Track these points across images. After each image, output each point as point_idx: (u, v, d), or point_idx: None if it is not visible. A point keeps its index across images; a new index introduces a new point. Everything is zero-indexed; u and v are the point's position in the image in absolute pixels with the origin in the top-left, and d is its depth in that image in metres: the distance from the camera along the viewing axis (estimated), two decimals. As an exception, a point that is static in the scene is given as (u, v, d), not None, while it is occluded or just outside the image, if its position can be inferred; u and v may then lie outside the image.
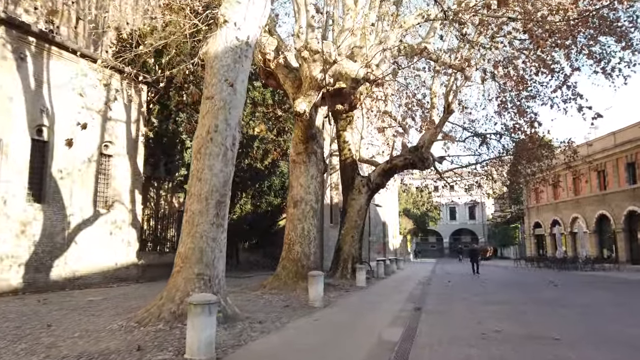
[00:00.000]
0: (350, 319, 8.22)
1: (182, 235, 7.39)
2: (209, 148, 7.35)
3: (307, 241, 12.85)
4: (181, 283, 7.08)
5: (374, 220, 34.78)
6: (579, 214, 33.29)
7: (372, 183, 19.39)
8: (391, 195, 40.72)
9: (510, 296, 12.78)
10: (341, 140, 19.73)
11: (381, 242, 36.48)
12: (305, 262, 12.66)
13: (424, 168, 19.78)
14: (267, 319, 7.75)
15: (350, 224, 18.71)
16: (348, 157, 19.57)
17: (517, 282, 18.21)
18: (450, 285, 16.86)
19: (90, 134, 14.10)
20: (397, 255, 40.37)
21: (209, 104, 7.42)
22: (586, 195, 32.49)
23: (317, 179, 13.38)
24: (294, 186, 13.26)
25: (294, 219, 12.99)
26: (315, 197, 13.23)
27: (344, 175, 19.66)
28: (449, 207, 78.97)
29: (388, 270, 23.42)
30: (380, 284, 16.30)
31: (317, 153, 13.41)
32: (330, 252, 20.35)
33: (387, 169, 19.54)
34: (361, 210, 18.97)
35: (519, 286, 16.37)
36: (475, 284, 17.42)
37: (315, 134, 13.06)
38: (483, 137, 20.27)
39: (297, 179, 13.21)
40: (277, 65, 12.80)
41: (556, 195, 36.91)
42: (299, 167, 13.24)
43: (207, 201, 7.27)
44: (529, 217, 41.82)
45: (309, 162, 13.23)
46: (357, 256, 18.41)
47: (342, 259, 18.26)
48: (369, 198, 19.49)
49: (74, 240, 13.77)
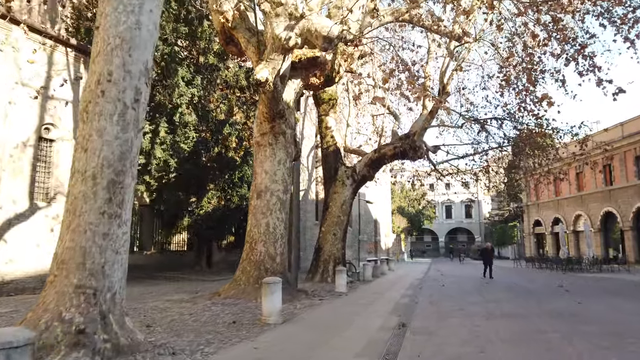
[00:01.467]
0: (307, 346, 6.01)
1: (61, 229, 5.17)
2: (99, 105, 5.11)
3: (273, 239, 10.63)
4: (52, 300, 4.86)
5: (364, 217, 32.59)
6: (583, 211, 31.26)
7: (357, 174, 17.20)
8: (384, 191, 38.55)
9: (517, 306, 10.62)
10: (323, 126, 17.52)
11: (372, 241, 34.31)
12: (270, 265, 10.45)
13: (416, 158, 17.59)
14: (187, 347, 5.53)
15: (332, 220, 16.52)
16: (331, 144, 17.37)
17: (522, 287, 16.07)
18: (444, 288, 14.73)
19: (27, 114, 11.94)
20: (389, 255, 38.21)
21: (101, 41, 5.18)
22: (591, 192, 30.45)
23: (286, 165, 11.16)
24: (257, 173, 11.04)
25: (257, 213, 10.77)
26: (283, 187, 11.01)
27: (326, 166, 17.46)
28: (445, 205, 77.04)
29: (377, 271, 21.25)
30: (363, 289, 14.12)
31: (287, 134, 11.19)
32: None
33: (374, 158, 17.35)
34: (345, 205, 16.78)
35: (524, 292, 14.23)
36: (474, 288, 15.27)
37: (284, 110, 10.84)
38: (482, 123, 18.10)
39: (261, 164, 10.99)
40: (238, 27, 10.57)
41: (558, 192, 34.89)
42: (264, 150, 11.02)
43: (95, 181, 5.04)
44: (528, 214, 39.79)
45: (275, 144, 11.01)
46: (339, 257, 16.22)
47: (322, 260, 16.07)
48: (354, 191, 17.30)
49: (3, 239, 11.58)
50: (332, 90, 17.58)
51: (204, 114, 16.35)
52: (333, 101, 17.52)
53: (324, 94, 17.46)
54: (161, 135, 15.91)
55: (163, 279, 16.57)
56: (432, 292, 13.83)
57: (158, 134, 15.82)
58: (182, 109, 15.83)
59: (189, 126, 15.84)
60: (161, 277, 16.77)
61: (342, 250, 16.40)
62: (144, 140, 15.49)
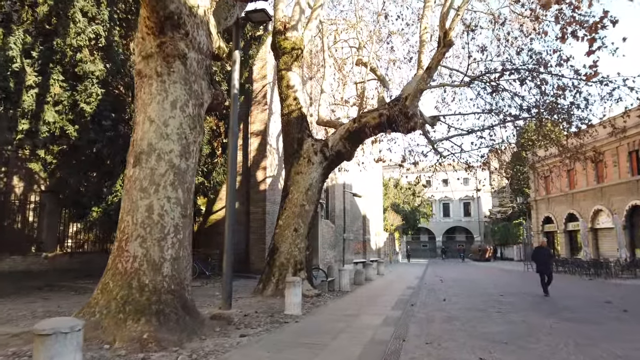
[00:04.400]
0: None
1: None
2: None
3: (158, 235, 6.21)
4: None
5: (351, 213, 28.17)
6: (603, 205, 26.94)
7: (330, 150, 12.79)
8: (374, 184, 34.12)
9: (574, 350, 6.24)
10: (283, 84, 13.06)
11: (360, 241, 29.89)
12: (151, 279, 6.03)
13: (408, 129, 13.12)
14: None
15: (293, 211, 12.10)
16: (293, 109, 12.93)
17: (555, 304, 11.74)
18: (446, 303, 10.37)
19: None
20: (380, 255, 33.80)
21: None
22: (613, 182, 26.13)
23: (188, 112, 6.72)
24: (137, 124, 6.60)
25: (133, 190, 6.34)
26: (180, 146, 6.57)
27: (287, 138, 13.02)
28: (442, 203, 72.92)
29: (360, 277, 16.86)
30: (329, 310, 9.70)
31: (190, 60, 6.74)
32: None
33: (353, 129, 12.91)
34: (312, 190, 12.37)
35: (564, 310, 9.88)
36: (487, 303, 10.89)
37: (181, 13, 6.41)
38: (497, 80, 13.64)
39: (144, 108, 6.55)
40: None
41: (572, 184, 30.59)
42: (148, 84, 6.59)
43: None
44: (537, 211, 35.46)
45: (168, 75, 6.57)
46: (301, 260, 11.80)
47: (277, 266, 11.64)
48: (325, 172, 12.88)
49: None
50: (297, 37, 13.16)
51: (115, 62, 11.87)
52: (297, 51, 13.07)
53: (286, 41, 13.04)
54: (54, 92, 11.43)
55: (67, 290, 12.15)
56: (430, 315, 9.42)
57: (49, 90, 11.33)
58: (82, 55, 11.37)
59: (92, 79, 11.38)
60: (66, 288, 12.34)
61: (306, 251, 11.98)
62: (27, 99, 11.01)
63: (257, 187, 19.06)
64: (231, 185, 9.54)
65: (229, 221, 9.45)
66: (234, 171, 9.63)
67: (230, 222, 9.46)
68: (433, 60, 12.63)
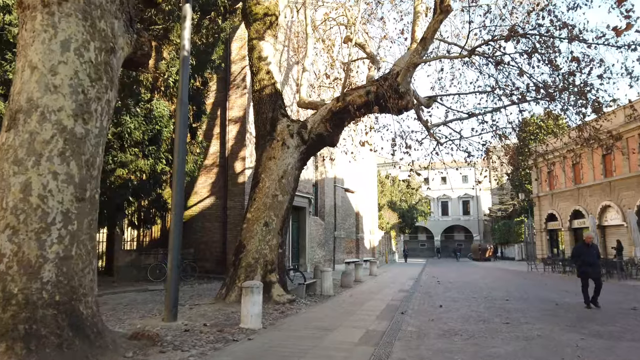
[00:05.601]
0: None
1: None
2: None
3: (37, 223, 4.44)
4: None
5: (342, 209, 26.38)
6: (612, 201, 25.19)
7: (309, 132, 11.01)
8: (368, 178, 32.35)
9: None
10: (254, 56, 11.25)
11: (353, 239, 28.09)
12: (23, 288, 4.25)
13: (399, 109, 11.30)
14: None
15: (264, 202, 10.31)
16: (266, 84, 11.12)
17: (574, 312, 10.02)
18: (443, 310, 8.59)
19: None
20: (375, 255, 32.02)
21: None
22: (623, 176, 24.38)
23: (89, 56, 4.93)
24: (16, 72, 4.82)
25: (4, 162, 4.56)
26: (77, 104, 4.78)
27: (259, 118, 11.21)
28: (441, 201, 71.23)
29: (348, 279, 15.09)
30: (299, 321, 7.91)
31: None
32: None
33: (337, 109, 11.11)
34: (286, 178, 10.59)
35: (584, 322, 8.12)
36: (492, 311, 9.13)
37: None
38: (504, 40, 11.79)
39: (25, 51, 4.77)
40: None
41: (578, 178, 28.85)
42: (31, 20, 4.80)
43: None
44: (539, 207, 33.71)
45: (59, 3, 4.77)
46: (272, 260, 10.01)
47: (243, 266, 9.85)
48: (302, 158, 11.09)
49: None
50: (271, 2, 11.37)
51: None
52: (271, 18, 11.27)
53: (258, 6, 11.24)
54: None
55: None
56: (422, 328, 7.63)
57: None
58: None
59: None
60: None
61: (278, 249, 10.17)
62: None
63: (235, 180, 17.26)
64: (179, 170, 7.75)
65: (175, 211, 7.67)
66: (182, 151, 7.85)
67: (177, 212, 7.68)
68: (428, 30, 10.87)
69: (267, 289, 9.57)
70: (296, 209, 21.16)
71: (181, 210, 7.75)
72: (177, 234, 7.60)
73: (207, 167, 17.78)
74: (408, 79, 11.33)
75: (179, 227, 7.66)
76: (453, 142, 14.43)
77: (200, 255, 17.40)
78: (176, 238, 7.57)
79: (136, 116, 10.31)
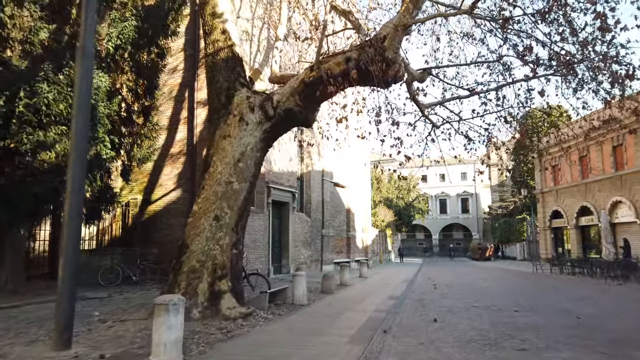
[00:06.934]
0: None
1: None
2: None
3: None
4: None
5: (331, 205, 24.34)
6: (624, 196, 23.20)
7: (275, 106, 8.98)
8: (361, 172, 30.33)
9: None
10: (207, 12, 9.19)
11: (343, 237, 26.06)
12: None
13: (387, 81, 9.27)
14: None
15: (215, 191, 8.28)
16: (221, 47, 9.07)
17: (605, 329, 8.04)
18: (439, 327, 6.60)
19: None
20: (368, 254, 30.00)
21: None
22: (636, 169, 22.39)
23: None
24: None
25: None
26: None
27: (212, 88, 9.15)
28: (439, 199, 69.31)
29: (331, 283, 13.09)
30: (243, 346, 5.88)
31: None
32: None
33: (310, 79, 9.06)
34: (244, 162, 8.55)
35: (623, 346, 6.14)
36: (497, 330, 7.14)
37: None
38: (504, 20, 9.78)
39: None
40: None
41: (585, 173, 26.87)
42: None
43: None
44: (543, 204, 31.70)
45: None
46: (224, 263, 7.97)
47: (185, 271, 7.80)
48: (266, 137, 9.04)
49: None
50: (228, -52, 9.31)
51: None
52: (228, -33, 9.23)
53: (211, -48, 9.19)
54: None
55: None
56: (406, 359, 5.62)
57: None
58: None
59: None
60: None
61: (232, 250, 8.13)
62: None
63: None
64: (77, 145, 5.71)
65: (70, 200, 5.63)
66: (84, 119, 5.80)
67: (73, 202, 5.65)
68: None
69: (215, 301, 7.56)
70: (278, 203, 19.14)
71: (79, 200, 5.69)
72: (73, 231, 5.57)
73: (174, 156, 15.73)
74: (397, 45, 9.31)
75: (76, 220, 5.63)
76: (452, 125, 12.42)
77: (164, 255, 15.33)
78: (71, 236, 5.55)
79: (56, 84, 8.25)
